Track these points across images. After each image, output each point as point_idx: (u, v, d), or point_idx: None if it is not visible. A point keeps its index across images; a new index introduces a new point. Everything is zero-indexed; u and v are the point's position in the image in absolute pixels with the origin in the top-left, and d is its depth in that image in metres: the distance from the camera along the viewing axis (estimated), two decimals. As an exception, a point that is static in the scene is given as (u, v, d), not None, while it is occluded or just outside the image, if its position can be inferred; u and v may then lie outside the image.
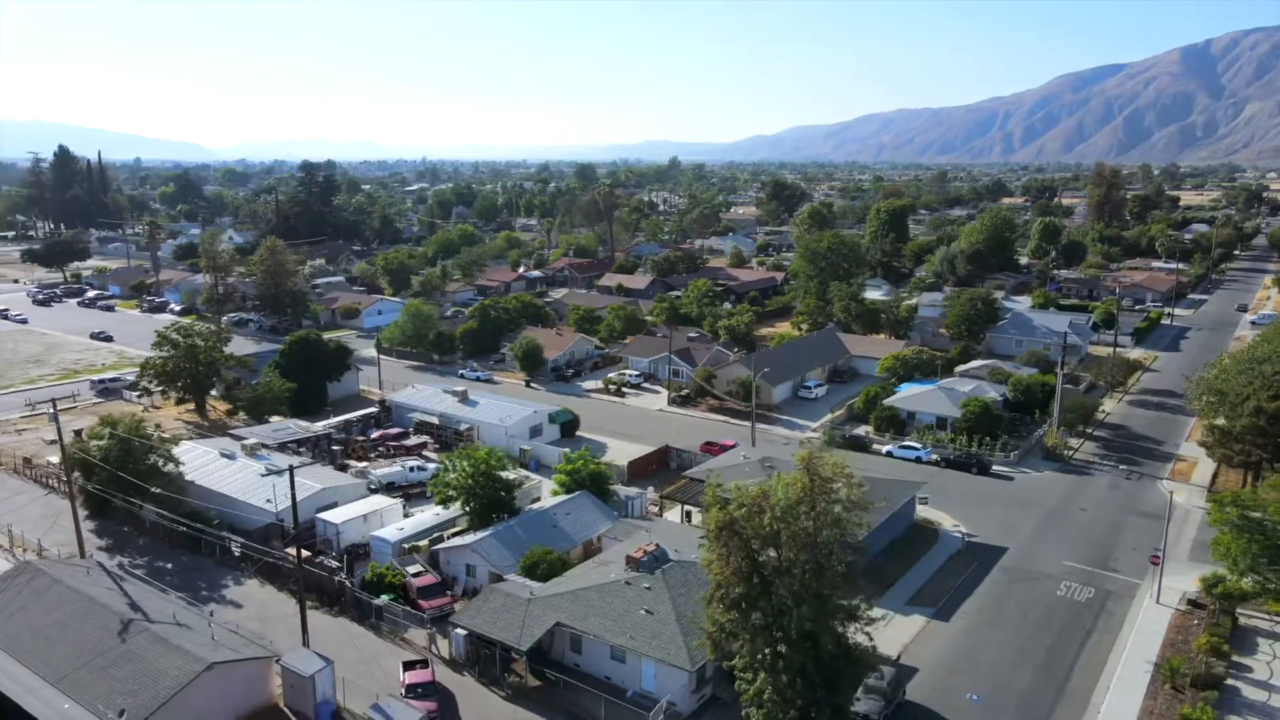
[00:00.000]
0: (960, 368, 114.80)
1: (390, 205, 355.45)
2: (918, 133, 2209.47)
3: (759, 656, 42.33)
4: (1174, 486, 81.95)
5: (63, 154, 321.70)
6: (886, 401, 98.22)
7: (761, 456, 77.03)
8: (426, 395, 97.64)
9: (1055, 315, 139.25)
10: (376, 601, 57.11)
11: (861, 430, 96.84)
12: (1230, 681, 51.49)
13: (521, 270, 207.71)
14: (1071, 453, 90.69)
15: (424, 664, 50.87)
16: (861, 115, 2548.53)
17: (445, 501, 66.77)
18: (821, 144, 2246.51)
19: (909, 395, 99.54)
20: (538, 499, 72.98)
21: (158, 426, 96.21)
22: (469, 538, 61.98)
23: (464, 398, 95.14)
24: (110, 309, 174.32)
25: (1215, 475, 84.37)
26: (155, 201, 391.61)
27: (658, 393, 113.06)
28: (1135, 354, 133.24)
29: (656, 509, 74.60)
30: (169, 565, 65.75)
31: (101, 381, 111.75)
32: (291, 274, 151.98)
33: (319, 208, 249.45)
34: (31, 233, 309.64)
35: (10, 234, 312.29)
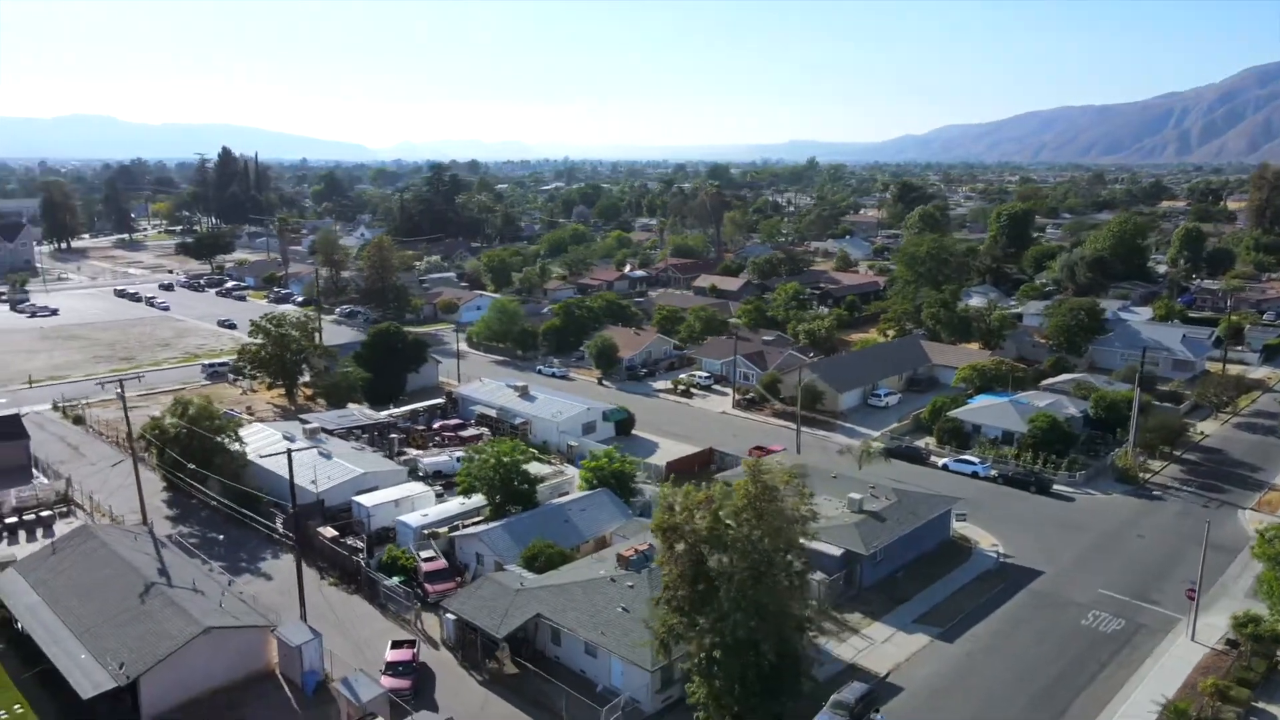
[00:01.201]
0: (1047, 381, 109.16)
1: (516, 204, 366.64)
2: (1081, 131, 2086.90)
3: (697, 660, 42.50)
4: (1258, 518, 75.72)
5: (225, 155, 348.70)
6: (951, 413, 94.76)
7: (795, 463, 76.01)
8: (489, 389, 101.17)
9: (1170, 328, 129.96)
10: (384, 582, 60.16)
11: (922, 442, 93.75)
12: (1245, 729, 47.61)
13: (626, 270, 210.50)
14: (1148, 476, 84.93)
15: (411, 644, 53.38)
16: (1019, 114, 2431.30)
17: (468, 492, 69.39)
18: (974, 144, 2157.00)
19: (976, 408, 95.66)
20: (566, 493, 74.62)
21: (248, 409, 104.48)
22: (480, 527, 64.29)
23: (524, 393, 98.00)
24: (242, 299, 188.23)
25: (1308, 508, 77.27)
26: (307, 199, 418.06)
27: (726, 395, 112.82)
28: (1260, 373, 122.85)
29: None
30: (220, 537, 71.20)
31: (210, 365, 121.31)
32: (396, 269, 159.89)
33: (441, 206, 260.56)
34: (196, 227, 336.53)
35: (178, 228, 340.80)
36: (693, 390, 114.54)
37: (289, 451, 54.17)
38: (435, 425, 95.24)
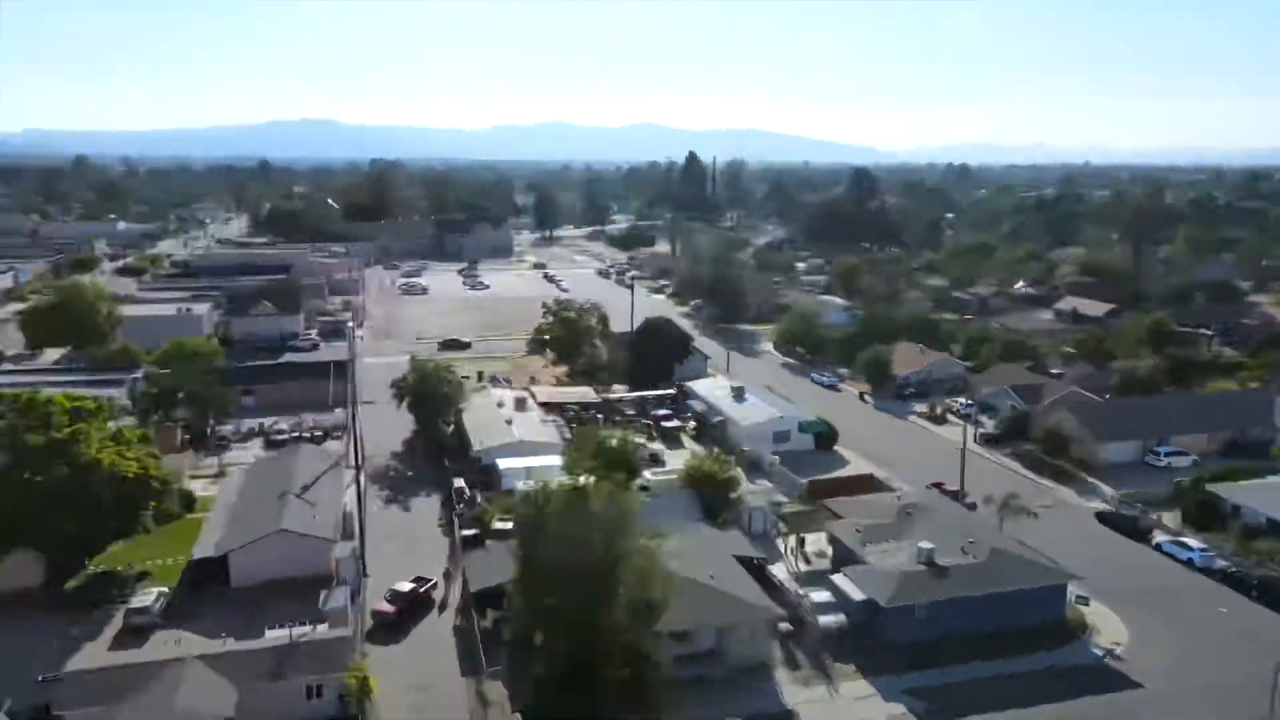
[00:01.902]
0: None
1: (973, 210, 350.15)
2: None
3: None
4: None
5: (690, 158, 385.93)
6: (1211, 486, 75.95)
7: (907, 502, 69.35)
8: (709, 386, 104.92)
9: None
10: (460, 531, 69.68)
11: (1156, 515, 76.64)
12: None
13: (1016, 286, 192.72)
14: None
15: (427, 581, 62.17)
16: None
17: (572, 472, 75.72)
18: None
19: (1248, 485, 75.47)
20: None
21: (532, 377, 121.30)
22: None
23: (738, 394, 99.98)
24: (631, 287, 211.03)
25: None
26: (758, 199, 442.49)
27: (985, 427, 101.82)
28: None
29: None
30: (410, 473, 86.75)
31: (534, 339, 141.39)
32: (731, 266, 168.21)
33: (851, 210, 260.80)
34: (654, 223, 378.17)
35: (642, 222, 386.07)
36: (947, 417, 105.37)
37: (313, 428, 65.94)
38: (651, 414, 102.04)
